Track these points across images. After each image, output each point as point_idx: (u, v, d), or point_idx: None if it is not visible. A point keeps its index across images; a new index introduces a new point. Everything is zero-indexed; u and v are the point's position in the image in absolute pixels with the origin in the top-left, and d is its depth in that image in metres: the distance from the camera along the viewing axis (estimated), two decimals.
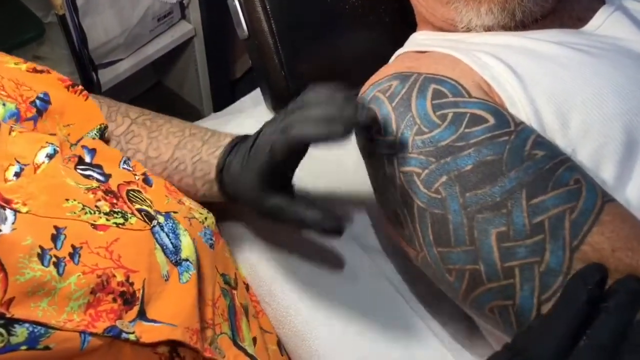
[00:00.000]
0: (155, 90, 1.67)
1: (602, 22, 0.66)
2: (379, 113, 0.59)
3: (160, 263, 0.53)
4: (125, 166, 0.59)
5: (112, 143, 0.64)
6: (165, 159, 0.63)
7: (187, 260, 0.55)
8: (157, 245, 0.53)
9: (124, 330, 0.46)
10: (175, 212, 0.58)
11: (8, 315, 0.39)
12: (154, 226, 0.54)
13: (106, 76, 1.30)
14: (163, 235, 0.55)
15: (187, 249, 0.56)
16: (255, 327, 0.63)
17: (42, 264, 0.43)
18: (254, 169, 0.55)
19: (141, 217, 0.54)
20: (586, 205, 0.49)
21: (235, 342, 0.58)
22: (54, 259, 0.44)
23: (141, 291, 0.49)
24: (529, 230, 0.49)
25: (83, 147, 0.58)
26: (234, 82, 1.67)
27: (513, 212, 0.49)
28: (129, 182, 0.58)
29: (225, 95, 1.61)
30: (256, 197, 0.57)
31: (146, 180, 0.60)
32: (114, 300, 0.47)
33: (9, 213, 0.43)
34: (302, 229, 0.60)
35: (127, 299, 0.48)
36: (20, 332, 0.40)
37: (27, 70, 0.58)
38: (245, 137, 0.61)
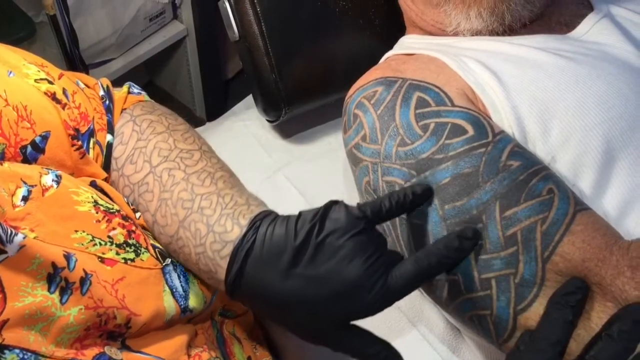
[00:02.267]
0: (147, 90, 1.64)
1: (589, 28, 0.66)
2: (364, 119, 0.59)
3: (168, 308, 0.51)
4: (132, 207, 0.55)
5: (125, 190, 0.56)
6: (170, 233, 0.52)
7: (191, 310, 0.53)
8: (167, 287, 0.51)
9: (112, 357, 0.45)
10: None
11: None
12: (167, 265, 0.52)
13: (97, 76, 1.28)
14: (175, 276, 0.52)
15: (194, 299, 0.54)
16: (248, 346, 0.62)
17: (48, 290, 0.42)
18: (327, 308, 0.47)
19: (154, 254, 0.51)
20: (557, 215, 0.49)
21: None
22: (62, 284, 0.43)
23: (133, 333, 0.48)
24: (503, 243, 0.49)
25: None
26: (227, 82, 1.67)
27: (488, 225, 0.50)
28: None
29: (217, 95, 1.61)
30: (316, 332, 0.49)
31: None
32: (101, 336, 0.46)
33: (18, 232, 0.41)
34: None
35: (115, 337, 0.47)
36: (11, 359, 0.39)
37: (46, 93, 0.50)
38: (257, 227, 0.49)
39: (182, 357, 0.51)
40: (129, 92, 0.62)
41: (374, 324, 0.67)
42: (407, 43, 0.74)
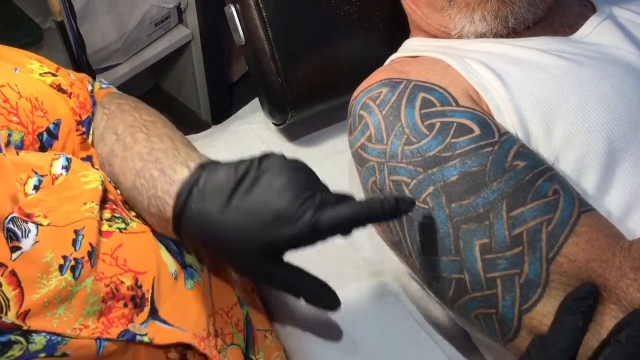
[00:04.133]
0: (153, 94, 1.67)
1: (592, 30, 0.67)
2: (369, 120, 0.60)
3: (167, 262, 0.53)
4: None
5: (102, 167, 0.59)
6: (128, 185, 0.55)
7: (190, 266, 0.55)
8: (161, 245, 0.54)
9: (137, 332, 0.47)
10: None
11: (24, 328, 0.40)
12: None
13: (104, 80, 1.30)
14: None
15: (189, 256, 0.56)
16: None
17: (60, 274, 0.44)
18: (258, 236, 0.49)
19: (141, 221, 0.54)
20: (562, 216, 0.50)
21: (247, 356, 0.58)
22: (72, 263, 0.45)
23: (150, 291, 0.50)
24: (509, 242, 0.50)
25: None
26: (232, 85, 1.68)
27: (495, 224, 0.51)
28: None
29: (222, 98, 1.61)
30: (249, 263, 0.51)
31: None
32: (125, 305, 0.48)
33: (31, 226, 0.44)
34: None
35: (137, 302, 0.49)
36: (39, 340, 0.41)
37: (51, 86, 0.54)
38: (203, 168, 0.52)
39: (201, 333, 0.52)
40: (100, 88, 0.65)
41: (383, 326, 0.68)
42: (412, 46, 0.74)
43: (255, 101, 0.98)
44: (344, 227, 0.49)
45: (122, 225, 0.52)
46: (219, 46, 1.49)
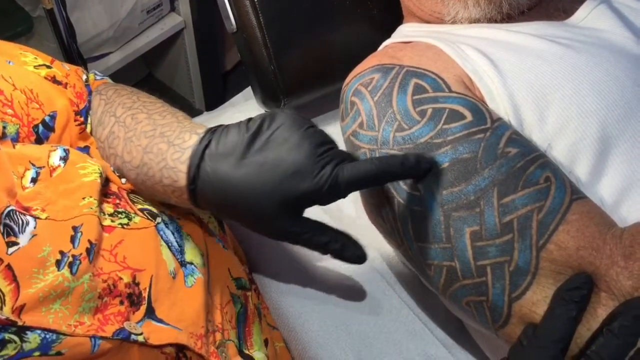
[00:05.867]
0: (146, 83, 1.67)
1: (586, 14, 0.66)
2: (361, 106, 0.59)
3: (167, 260, 0.52)
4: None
5: (101, 152, 0.58)
6: (136, 163, 0.54)
7: (191, 263, 0.55)
8: (163, 242, 0.53)
9: (132, 332, 0.46)
10: (179, 218, 0.58)
11: (19, 323, 0.40)
12: (159, 223, 0.54)
13: (96, 69, 1.29)
14: (168, 232, 0.54)
15: (190, 252, 0.55)
16: (266, 327, 0.63)
17: (58, 269, 0.43)
18: (277, 190, 0.48)
19: (144, 216, 0.54)
20: (554, 204, 0.49)
21: (242, 350, 0.58)
22: (70, 259, 0.44)
23: (148, 290, 0.49)
24: (499, 230, 0.50)
25: None
26: (225, 73, 1.67)
27: (485, 211, 0.50)
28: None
29: (216, 87, 1.61)
30: (270, 221, 0.50)
31: None
32: (121, 302, 0.47)
33: (30, 219, 0.43)
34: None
35: (134, 300, 0.49)
36: (33, 339, 0.40)
37: (46, 78, 0.54)
38: (213, 131, 0.52)
39: (199, 330, 0.52)
40: (95, 79, 0.65)
41: (377, 315, 0.68)
42: (406, 31, 0.74)
43: (249, 89, 0.97)
44: (364, 183, 0.49)
45: (125, 221, 0.51)
46: (212, 34, 1.48)
